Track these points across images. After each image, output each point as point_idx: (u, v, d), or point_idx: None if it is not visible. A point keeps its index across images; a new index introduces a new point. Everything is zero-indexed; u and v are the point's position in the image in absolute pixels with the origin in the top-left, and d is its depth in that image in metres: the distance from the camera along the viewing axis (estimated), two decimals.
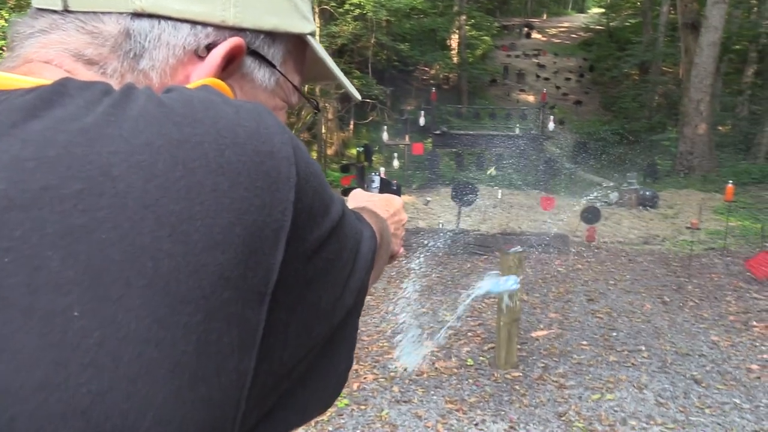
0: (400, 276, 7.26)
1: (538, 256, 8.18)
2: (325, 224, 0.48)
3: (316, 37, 0.69)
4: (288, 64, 0.67)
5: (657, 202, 13.11)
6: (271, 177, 0.43)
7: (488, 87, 29.34)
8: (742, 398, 4.08)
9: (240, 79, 0.61)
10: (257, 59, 0.62)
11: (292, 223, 0.44)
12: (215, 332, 0.38)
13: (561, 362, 4.70)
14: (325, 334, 0.53)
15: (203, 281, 0.38)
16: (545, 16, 47.09)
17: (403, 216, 0.95)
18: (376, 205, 0.90)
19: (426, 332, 5.40)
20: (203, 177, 0.40)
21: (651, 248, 9.09)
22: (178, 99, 0.44)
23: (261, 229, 0.41)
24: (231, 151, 0.42)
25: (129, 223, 0.37)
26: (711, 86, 17.23)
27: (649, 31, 28.78)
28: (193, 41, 0.56)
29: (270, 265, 0.42)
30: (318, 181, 0.49)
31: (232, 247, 0.40)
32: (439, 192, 13.60)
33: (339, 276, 0.52)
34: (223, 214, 0.40)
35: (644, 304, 6.20)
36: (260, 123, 0.45)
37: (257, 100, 0.63)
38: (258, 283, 0.41)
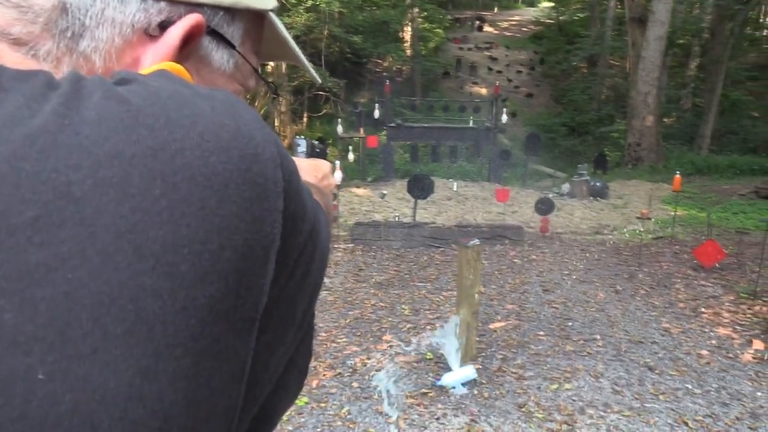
0: (357, 269, 7.21)
1: (494, 247, 8.24)
2: (306, 227, 0.43)
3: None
4: (246, 44, 0.60)
5: (607, 192, 13.40)
6: (259, 185, 0.37)
7: (441, 80, 29.49)
8: (694, 384, 4.18)
9: (197, 62, 0.53)
10: (215, 39, 0.54)
11: (280, 234, 0.39)
12: (205, 374, 0.33)
13: (519, 353, 4.73)
14: (297, 338, 0.49)
15: (192, 319, 0.32)
16: (496, 10, 47.60)
17: (332, 180, 0.90)
18: (304, 171, 0.83)
19: (384, 327, 5.36)
20: (188, 193, 0.34)
21: (602, 238, 9.28)
22: (142, 93, 0.36)
23: (252, 248, 0.36)
24: (216, 159, 0.35)
25: (100, 258, 0.30)
26: (657, 79, 17.72)
27: (597, 25, 29.41)
28: (143, 18, 0.48)
29: (260, 288, 0.37)
30: (297, 177, 0.43)
31: (223, 275, 0.34)
32: (394, 185, 13.58)
33: (313, 278, 0.48)
34: (213, 236, 0.34)
35: (598, 293, 6.31)
36: (239, 119, 0.39)
37: (215, 85, 0.56)
38: (248, 309, 0.36)
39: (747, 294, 6.06)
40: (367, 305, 5.96)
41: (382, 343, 4.98)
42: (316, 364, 4.56)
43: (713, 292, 6.27)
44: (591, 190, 13.30)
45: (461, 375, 4.23)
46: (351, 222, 9.43)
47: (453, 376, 4.22)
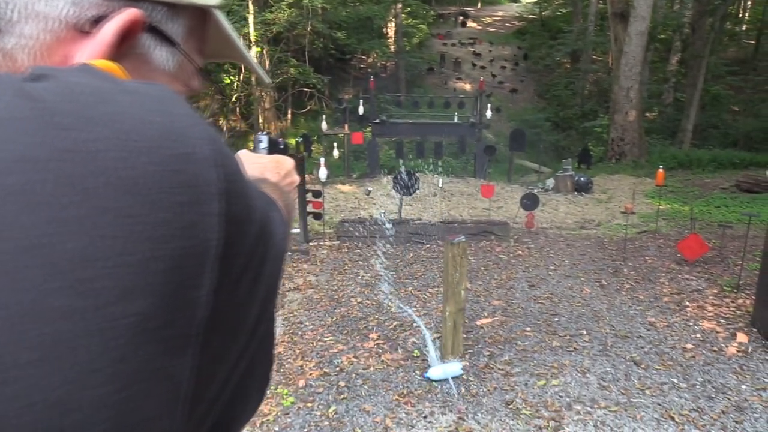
0: (343, 267, 7.18)
1: (480, 243, 8.25)
2: (253, 229, 0.40)
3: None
4: (190, 42, 0.56)
5: (591, 187, 13.48)
6: (192, 187, 0.34)
7: (426, 75, 29.48)
8: (680, 377, 4.20)
9: (136, 61, 0.49)
10: (156, 36, 0.51)
11: (222, 240, 0.35)
12: (136, 399, 0.30)
13: (506, 349, 4.73)
14: (252, 346, 0.46)
15: (114, 341, 0.29)
16: (479, 5, 47.64)
17: (295, 177, 0.87)
18: (266, 168, 0.82)
19: (371, 324, 5.34)
20: (107, 200, 0.30)
21: (587, 233, 9.32)
22: (56, 90, 0.33)
23: (186, 257, 0.33)
24: (140, 160, 0.32)
25: (6, 278, 0.27)
26: (639, 74, 17.82)
27: (580, 20, 29.54)
28: (74, 12, 0.44)
29: (198, 300, 0.34)
30: (241, 177, 0.40)
31: (151, 290, 0.31)
32: (380, 181, 13.56)
33: (266, 283, 0.45)
34: (136, 247, 0.30)
35: (583, 288, 6.33)
36: (171, 116, 0.35)
37: None
38: (184, 324, 0.33)
39: (730, 287, 6.11)
40: (353, 303, 5.94)
41: (369, 341, 4.96)
42: (302, 364, 4.53)
43: (697, 285, 6.32)
44: (575, 185, 13.36)
45: (447, 370, 4.26)
46: (336, 219, 9.39)
47: (438, 371, 4.25)
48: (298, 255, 7.69)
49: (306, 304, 5.94)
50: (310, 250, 7.90)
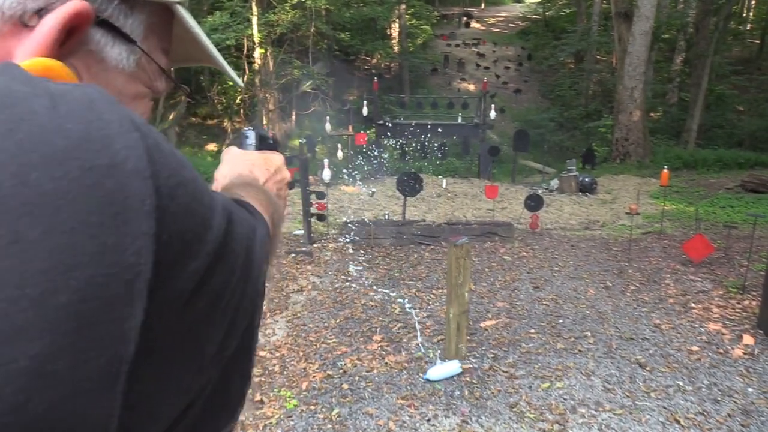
0: (347, 269, 7.17)
1: (484, 245, 8.22)
2: (206, 248, 0.37)
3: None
4: (151, 40, 0.53)
5: (595, 188, 13.44)
6: (113, 204, 0.30)
7: (429, 76, 29.46)
8: (685, 380, 4.18)
9: (86, 57, 0.46)
10: (110, 32, 0.48)
11: (156, 263, 0.32)
12: None
13: (510, 351, 4.71)
14: (216, 374, 0.43)
15: (6, 388, 0.25)
16: (483, 6, 47.58)
17: (285, 174, 0.83)
18: (254, 164, 0.78)
19: (375, 326, 5.32)
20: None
21: (592, 234, 9.29)
22: None
23: (103, 287, 0.28)
24: (42, 174, 0.28)
25: None
26: (643, 74, 17.77)
27: (584, 20, 29.47)
28: (15, 4, 0.41)
29: (123, 334, 0.30)
30: (191, 190, 0.36)
31: (51, 328, 0.27)
32: (384, 182, 13.55)
33: (230, 304, 0.41)
34: (33, 279, 0.26)
35: (588, 289, 6.30)
36: (95, 121, 0.31)
37: (111, 85, 0.49)
38: (105, 363, 0.29)
39: (736, 288, 6.08)
40: (356, 305, 5.92)
41: (372, 343, 4.94)
42: (305, 366, 4.52)
43: (702, 286, 6.28)
44: (580, 186, 13.32)
45: (446, 369, 4.28)
46: (340, 220, 9.38)
47: (438, 371, 4.27)
48: (302, 256, 7.68)
49: (309, 305, 5.93)
50: (313, 252, 7.89)
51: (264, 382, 4.22)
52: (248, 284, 0.45)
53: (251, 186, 0.68)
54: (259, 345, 4.90)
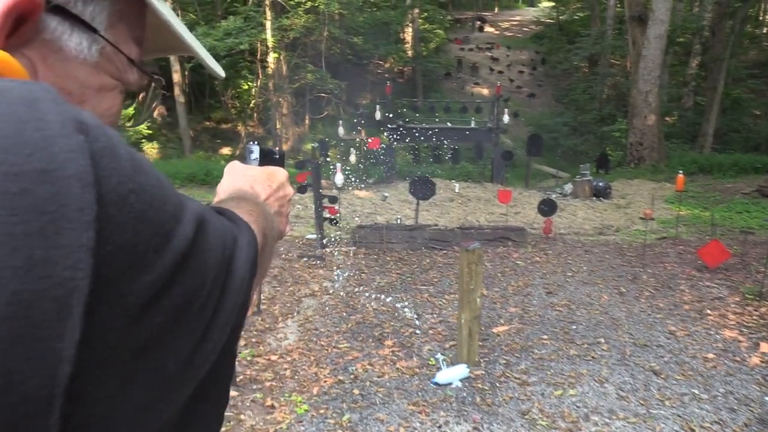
0: (359, 273, 7.16)
1: (497, 249, 8.18)
2: (165, 259, 0.35)
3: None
4: (119, 29, 0.50)
5: (610, 192, 13.34)
6: (44, 214, 0.28)
7: (443, 80, 29.44)
8: (700, 388, 4.12)
9: (42, 47, 0.43)
10: (68, 20, 0.45)
11: (97, 277, 0.30)
12: None
13: (523, 358, 4.67)
14: (185, 394, 0.41)
15: None
16: (497, 10, 47.53)
17: (288, 190, 0.81)
18: (256, 180, 0.76)
19: (386, 331, 5.31)
20: None
21: (606, 239, 9.21)
22: None
23: (30, 304, 0.26)
24: None
25: None
26: (658, 78, 17.64)
27: (598, 24, 29.32)
28: None
29: (56, 354, 0.28)
30: (148, 198, 0.34)
31: None
32: (396, 186, 13.54)
33: (200, 317, 0.40)
34: None
35: (602, 295, 6.25)
36: (28, 120, 0.29)
37: (71, 77, 0.46)
38: (36, 386, 0.27)
39: (753, 295, 5.99)
40: (368, 309, 5.91)
41: (384, 348, 4.93)
42: (316, 371, 4.51)
43: (718, 293, 6.21)
44: (594, 190, 13.23)
45: (454, 373, 4.29)
46: (353, 224, 9.38)
47: (446, 374, 4.28)
48: (314, 260, 7.68)
49: (321, 310, 5.93)
50: (325, 256, 7.89)
51: (275, 386, 4.22)
52: (226, 296, 0.44)
53: (244, 200, 0.66)
54: (270, 349, 4.90)
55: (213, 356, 0.43)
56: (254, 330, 5.31)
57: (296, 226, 9.87)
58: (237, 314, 0.46)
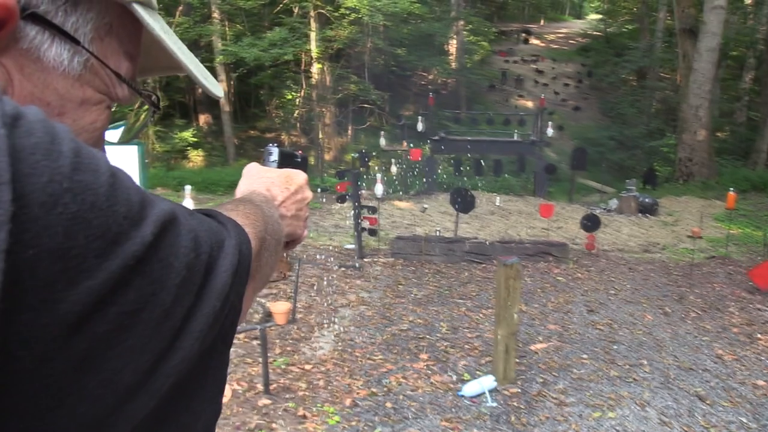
0: (396, 284, 7.12)
1: (537, 264, 8.04)
2: (110, 264, 0.32)
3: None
4: (107, 43, 0.49)
5: (656, 209, 12.99)
6: None
7: (486, 92, 29.26)
8: (749, 417, 3.93)
9: (19, 57, 0.42)
10: (48, 30, 0.43)
11: (13, 283, 0.27)
12: None
13: (560, 377, 4.55)
14: (148, 406, 0.39)
15: None
16: (543, 22, 47.10)
17: (307, 194, 0.80)
18: (273, 183, 0.75)
19: (422, 345, 5.25)
20: None
21: (651, 256, 8.96)
22: None
23: None
24: None
25: None
26: (710, 92, 17.15)
27: (647, 36, 28.75)
28: None
29: None
30: (90, 199, 0.32)
31: None
32: (437, 198, 13.47)
33: (159, 325, 0.37)
34: None
35: (645, 315, 6.06)
36: None
37: (50, 88, 0.45)
38: None
39: None
40: (404, 321, 5.86)
41: (418, 362, 4.87)
42: (350, 382, 4.48)
43: None
44: (640, 206, 12.90)
45: (481, 385, 4.23)
46: (392, 235, 9.35)
47: (473, 387, 4.23)
48: (352, 270, 7.68)
49: (357, 320, 5.91)
50: (364, 266, 7.88)
51: (307, 396, 4.20)
52: (202, 302, 0.42)
53: (245, 202, 0.64)
54: (304, 358, 4.89)
55: (185, 365, 0.41)
56: (289, 339, 5.32)
57: (335, 236, 9.90)
58: (219, 321, 0.44)
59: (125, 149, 4.39)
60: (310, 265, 7.85)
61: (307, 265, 7.75)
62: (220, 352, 0.47)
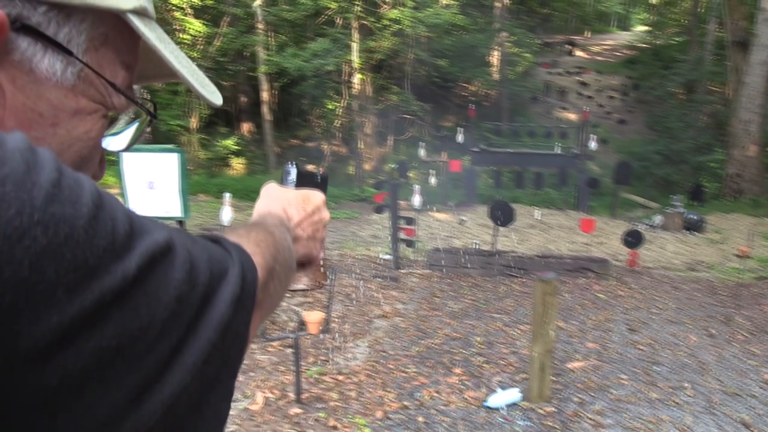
0: (432, 296, 7.06)
1: (577, 280, 7.87)
2: (83, 299, 0.31)
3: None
4: (104, 52, 0.49)
5: (703, 226, 12.61)
6: None
7: (529, 104, 28.99)
8: None
9: (11, 68, 0.42)
10: (40, 41, 0.43)
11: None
12: None
13: (598, 397, 4.43)
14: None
15: None
16: (588, 34, 46.49)
17: (324, 214, 0.78)
18: (290, 203, 0.74)
19: (456, 359, 5.18)
20: None
21: (697, 275, 8.68)
22: None
23: None
24: None
25: None
26: (761, 106, 16.62)
27: (696, 49, 28.08)
28: None
29: None
30: (64, 231, 0.31)
31: None
32: (475, 210, 13.35)
33: (141, 360, 0.36)
34: None
35: (689, 336, 5.86)
36: None
37: (43, 99, 0.45)
38: None
39: None
40: (439, 334, 5.80)
41: (452, 376, 4.80)
42: (382, 394, 4.44)
43: None
44: (685, 223, 12.55)
45: (506, 397, 4.27)
46: (429, 247, 9.30)
47: (498, 398, 4.26)
48: (388, 281, 7.65)
49: (392, 332, 5.87)
50: (400, 278, 7.84)
51: (339, 407, 4.18)
52: (196, 334, 0.40)
53: (255, 227, 0.63)
54: (337, 368, 4.88)
55: (177, 399, 0.39)
56: (323, 348, 5.32)
57: (372, 246, 9.90)
58: (219, 352, 0.43)
59: (166, 157, 4.48)
60: (346, 274, 7.85)
61: (343, 275, 7.76)
62: (224, 384, 0.46)
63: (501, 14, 26.64)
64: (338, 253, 9.28)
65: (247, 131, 23.07)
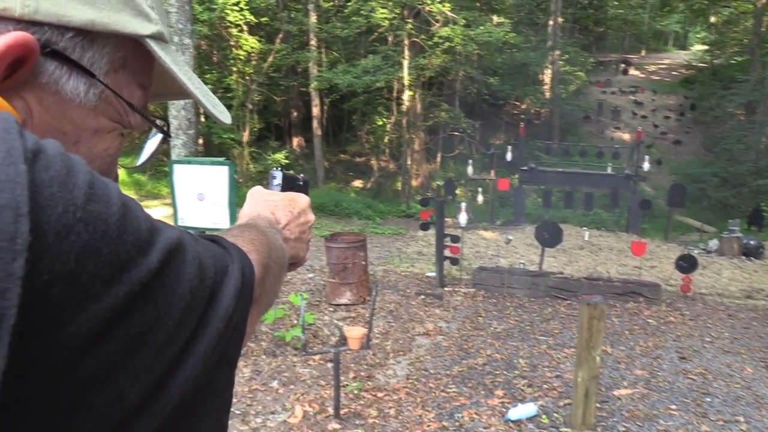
0: (476, 316, 6.98)
1: (626, 305, 7.66)
2: (117, 290, 0.34)
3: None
4: (121, 74, 0.52)
5: (762, 252, 12.11)
6: None
7: (581, 123, 28.53)
8: None
9: (39, 90, 0.45)
10: (65, 65, 0.46)
11: (28, 307, 0.29)
12: None
13: (645, 427, 4.28)
14: (151, 425, 0.40)
15: None
16: (644, 53, 45.60)
17: (310, 217, 0.82)
18: (277, 206, 0.78)
19: (498, 380, 5.09)
20: None
21: (754, 303, 8.33)
22: None
23: None
24: None
25: None
26: None
27: (758, 69, 27.16)
28: None
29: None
30: (100, 228, 0.34)
31: None
32: (523, 230, 13.18)
33: (164, 348, 0.39)
34: None
35: (744, 367, 5.61)
36: None
37: (67, 118, 0.48)
38: None
39: None
40: (482, 355, 5.73)
41: (493, 398, 4.73)
42: (421, 413, 4.41)
43: None
44: (743, 249, 12.08)
45: (524, 411, 4.37)
46: (475, 265, 9.21)
47: (518, 411, 4.35)
48: (432, 299, 7.61)
49: (434, 350, 5.83)
50: (444, 296, 7.79)
51: (377, 424, 4.17)
52: (207, 326, 0.44)
53: (249, 228, 0.67)
54: (377, 385, 4.87)
55: (189, 385, 0.43)
56: (364, 364, 5.32)
57: (417, 263, 9.87)
58: (223, 342, 0.46)
59: (216, 169, 4.58)
60: (389, 290, 7.85)
61: (386, 291, 7.76)
62: (224, 373, 0.49)
63: (554, 32, 26.38)
64: (383, 268, 9.29)
65: (297, 145, 23.41)
